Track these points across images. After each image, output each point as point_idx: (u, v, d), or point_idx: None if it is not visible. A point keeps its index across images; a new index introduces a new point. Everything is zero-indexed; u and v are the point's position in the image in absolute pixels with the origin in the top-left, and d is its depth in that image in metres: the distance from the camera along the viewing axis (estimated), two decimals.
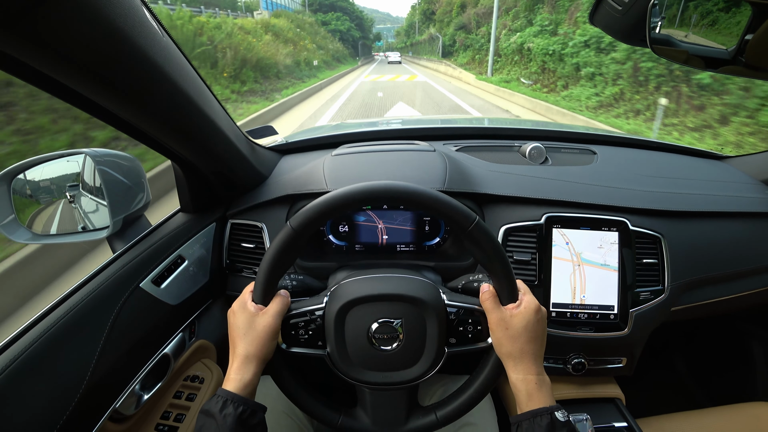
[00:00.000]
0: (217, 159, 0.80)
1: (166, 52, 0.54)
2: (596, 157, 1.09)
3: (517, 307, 0.57)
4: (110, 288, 0.67)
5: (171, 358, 0.77)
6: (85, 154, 0.78)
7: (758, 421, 0.90)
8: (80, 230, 0.83)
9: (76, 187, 0.82)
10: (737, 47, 0.62)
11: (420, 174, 0.92)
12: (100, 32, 0.42)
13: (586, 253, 0.89)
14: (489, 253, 0.57)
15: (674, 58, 0.70)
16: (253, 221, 0.93)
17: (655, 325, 0.91)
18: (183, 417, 0.77)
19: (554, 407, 0.54)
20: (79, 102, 0.53)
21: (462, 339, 0.61)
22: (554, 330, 0.88)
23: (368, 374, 0.61)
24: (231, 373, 0.56)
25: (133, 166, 0.83)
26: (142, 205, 0.83)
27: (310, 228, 0.56)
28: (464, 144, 1.13)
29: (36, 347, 0.55)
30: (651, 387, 1.43)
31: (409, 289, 0.61)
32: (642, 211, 0.91)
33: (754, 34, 0.58)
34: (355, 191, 0.56)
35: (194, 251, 0.87)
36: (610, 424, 0.89)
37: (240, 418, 0.51)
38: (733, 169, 1.12)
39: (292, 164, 1.07)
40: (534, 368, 0.56)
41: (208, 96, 0.69)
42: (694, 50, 0.69)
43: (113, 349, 0.64)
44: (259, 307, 0.58)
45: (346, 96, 11.74)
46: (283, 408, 0.80)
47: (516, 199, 0.91)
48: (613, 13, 0.65)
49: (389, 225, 0.93)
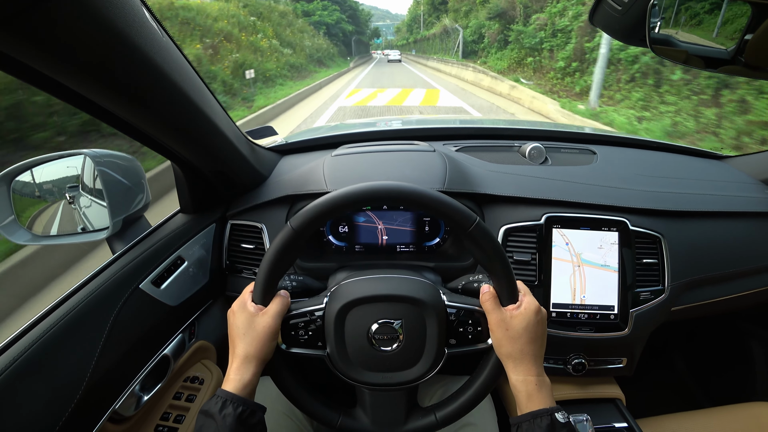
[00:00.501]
0: (217, 159, 0.80)
1: (165, 52, 0.54)
2: (596, 157, 1.09)
3: (518, 308, 0.57)
4: (110, 289, 0.67)
5: (171, 359, 0.77)
6: (85, 155, 0.78)
7: (758, 421, 0.90)
8: (80, 231, 0.83)
9: (76, 188, 0.82)
10: (737, 47, 0.62)
11: (420, 174, 0.91)
12: (99, 32, 0.42)
13: (586, 254, 0.89)
14: (489, 254, 0.57)
15: (674, 57, 0.70)
16: (253, 222, 0.93)
17: (656, 325, 0.91)
18: (183, 418, 0.77)
19: (554, 408, 0.54)
20: (79, 102, 0.53)
21: (462, 340, 0.61)
22: (554, 330, 0.88)
23: (368, 375, 0.61)
24: (230, 373, 0.56)
25: (133, 166, 0.83)
26: (141, 206, 0.83)
27: (310, 228, 0.56)
28: (464, 144, 1.13)
29: (36, 348, 0.55)
30: (651, 387, 1.43)
31: (409, 290, 0.61)
32: (642, 211, 0.91)
33: (753, 34, 0.58)
34: (355, 192, 0.55)
35: (194, 252, 0.87)
36: (611, 424, 0.89)
37: (239, 419, 0.51)
38: (733, 169, 1.12)
39: (291, 164, 1.07)
40: (534, 369, 0.56)
41: (208, 96, 0.69)
42: (694, 50, 0.69)
43: (113, 350, 0.64)
44: (259, 308, 0.58)
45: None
46: (283, 408, 0.80)
47: (516, 199, 0.91)
48: (612, 13, 0.65)
49: (389, 226, 0.93)
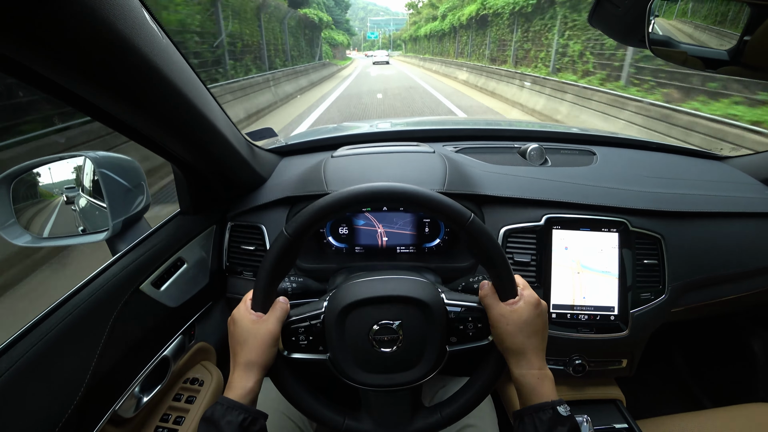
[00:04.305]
0: (217, 161, 0.80)
1: (165, 54, 0.54)
2: (595, 157, 1.09)
3: (517, 302, 0.57)
4: (110, 290, 0.67)
5: (170, 361, 0.77)
6: (85, 157, 0.78)
7: (759, 422, 0.89)
8: (80, 233, 0.84)
9: (74, 190, 0.82)
10: (736, 48, 0.62)
11: (420, 175, 0.91)
12: (100, 34, 0.42)
13: (586, 259, 0.88)
14: (486, 249, 0.57)
15: (673, 58, 0.70)
16: (254, 223, 0.93)
17: (656, 326, 0.91)
18: (182, 419, 0.77)
19: (556, 402, 0.54)
20: (79, 104, 0.52)
21: (463, 337, 0.61)
22: (554, 331, 0.88)
23: (370, 377, 0.61)
24: (233, 380, 0.56)
25: (133, 168, 0.83)
26: (141, 208, 0.83)
27: (306, 233, 0.57)
28: (464, 145, 1.13)
29: (36, 350, 0.55)
30: (651, 388, 1.43)
31: (407, 290, 0.61)
32: (642, 211, 0.90)
33: (752, 35, 0.58)
34: (349, 194, 0.55)
35: (194, 253, 0.87)
36: (611, 425, 0.89)
37: (241, 426, 0.51)
38: (733, 170, 1.12)
39: (291, 166, 1.07)
40: (536, 363, 0.56)
41: (208, 98, 0.69)
42: (693, 51, 0.68)
43: (113, 352, 0.64)
44: (259, 315, 0.58)
45: None
46: (283, 410, 0.80)
47: (516, 200, 0.91)
48: (612, 13, 0.65)
49: (389, 228, 0.93)
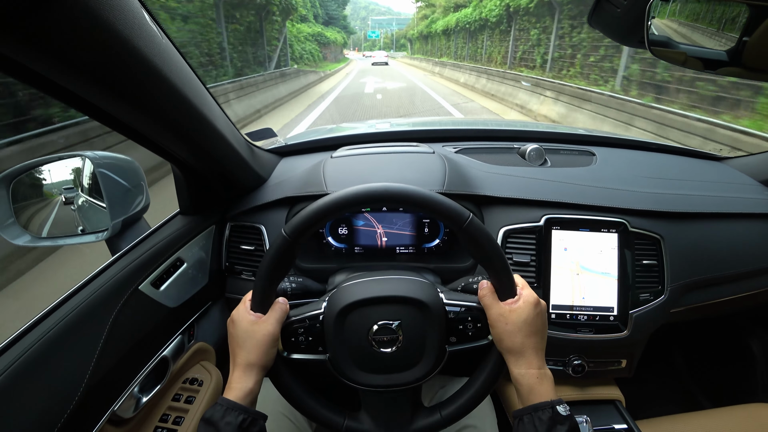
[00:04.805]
0: (217, 161, 0.80)
1: (165, 54, 0.54)
2: (595, 158, 1.09)
3: (516, 302, 0.57)
4: (109, 290, 0.67)
5: (170, 361, 0.77)
6: (84, 157, 0.78)
7: (758, 422, 0.89)
8: (79, 233, 0.84)
9: (72, 190, 0.82)
10: (736, 48, 0.62)
11: (419, 176, 0.91)
12: (99, 35, 0.42)
13: (586, 261, 0.88)
14: (485, 249, 0.57)
15: (673, 59, 0.70)
16: (253, 223, 0.93)
17: (655, 327, 0.91)
18: (182, 420, 0.77)
19: (556, 401, 0.54)
20: (78, 104, 0.52)
21: (462, 337, 0.61)
22: (554, 332, 0.88)
23: (370, 377, 0.61)
24: (232, 381, 0.56)
25: (132, 168, 0.83)
26: (141, 208, 0.83)
27: (305, 234, 0.57)
28: (463, 146, 1.13)
29: (34, 350, 0.55)
30: (651, 388, 1.43)
31: (406, 290, 0.61)
32: (641, 212, 0.90)
33: (751, 36, 0.58)
34: (348, 195, 0.55)
35: (193, 253, 0.86)
36: (610, 426, 0.89)
37: (241, 427, 0.51)
38: (732, 170, 1.12)
39: (291, 166, 1.07)
40: (535, 362, 0.56)
41: (207, 98, 0.69)
42: (693, 52, 0.68)
43: (112, 352, 0.63)
44: (258, 316, 0.58)
45: None
46: (283, 410, 0.80)
47: (515, 200, 0.91)
48: (612, 14, 0.65)
49: (388, 228, 0.93)
